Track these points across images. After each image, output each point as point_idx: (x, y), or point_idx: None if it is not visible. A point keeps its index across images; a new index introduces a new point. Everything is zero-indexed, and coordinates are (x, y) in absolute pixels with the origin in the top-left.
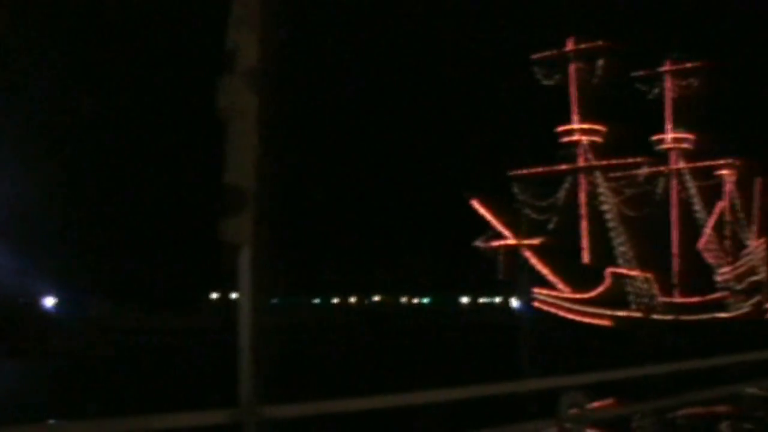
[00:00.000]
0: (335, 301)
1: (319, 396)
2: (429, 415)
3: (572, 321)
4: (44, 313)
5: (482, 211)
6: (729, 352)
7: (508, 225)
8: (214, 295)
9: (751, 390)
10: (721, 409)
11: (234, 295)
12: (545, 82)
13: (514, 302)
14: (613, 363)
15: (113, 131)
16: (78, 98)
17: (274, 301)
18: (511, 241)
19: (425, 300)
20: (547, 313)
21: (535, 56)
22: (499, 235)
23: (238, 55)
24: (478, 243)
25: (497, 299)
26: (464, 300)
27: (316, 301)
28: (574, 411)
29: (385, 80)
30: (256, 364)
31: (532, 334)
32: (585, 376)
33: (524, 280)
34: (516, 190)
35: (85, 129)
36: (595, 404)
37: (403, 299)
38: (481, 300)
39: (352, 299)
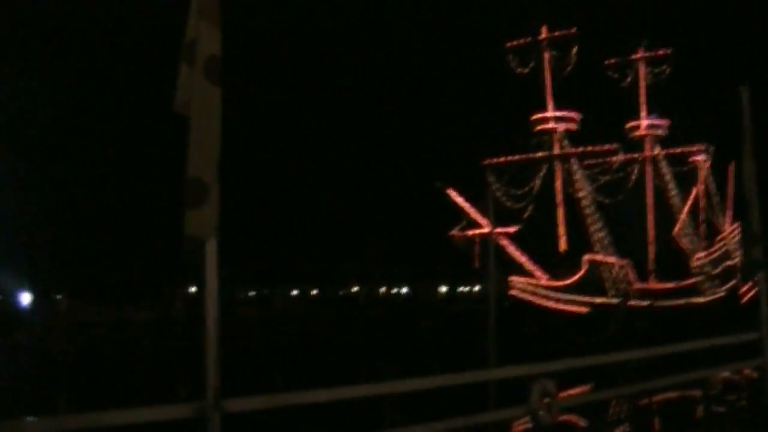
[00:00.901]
0: (314, 292)
1: (284, 388)
2: (399, 405)
3: (548, 308)
4: (14, 309)
5: (457, 199)
6: (702, 337)
7: (483, 214)
8: (193, 289)
9: (723, 374)
10: (694, 393)
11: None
12: (519, 70)
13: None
14: (586, 350)
15: (77, 128)
16: (36, 99)
17: (252, 293)
18: (486, 230)
19: (404, 290)
20: (523, 301)
21: (508, 44)
22: (475, 224)
23: (198, 47)
24: (454, 232)
25: (476, 288)
26: (443, 289)
27: (294, 292)
28: (545, 399)
29: (358, 69)
30: (220, 357)
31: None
32: (556, 363)
33: (492, 267)
34: (491, 178)
35: (50, 127)
36: (568, 392)
37: (382, 289)
38: (460, 289)
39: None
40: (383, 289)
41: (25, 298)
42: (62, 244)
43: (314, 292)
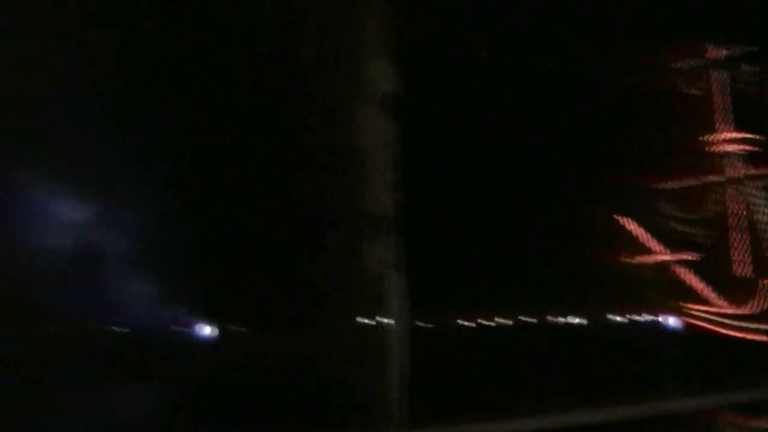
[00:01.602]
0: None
1: (470, 417)
2: None
3: (727, 337)
4: (194, 338)
5: (628, 225)
6: None
7: (655, 239)
8: (365, 320)
9: None
10: None
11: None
12: (688, 91)
13: (664, 319)
14: None
15: (231, 152)
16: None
17: (429, 325)
18: (660, 256)
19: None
20: (700, 329)
21: (676, 64)
22: (647, 250)
23: (374, 84)
24: (625, 258)
25: (646, 317)
26: (614, 318)
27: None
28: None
29: (531, 91)
30: (407, 386)
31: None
32: (742, 394)
33: (663, 295)
34: (662, 203)
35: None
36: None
37: (551, 318)
38: (630, 317)
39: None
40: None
41: (204, 328)
42: (239, 273)
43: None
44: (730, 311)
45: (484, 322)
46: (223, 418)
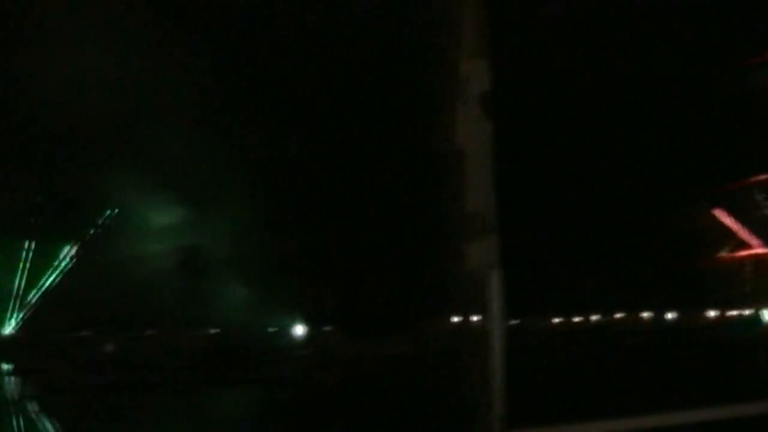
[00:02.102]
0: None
1: (568, 418)
2: None
3: None
4: (287, 341)
5: (725, 220)
6: None
7: (755, 234)
8: (455, 319)
9: None
10: None
11: (474, 318)
12: None
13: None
14: None
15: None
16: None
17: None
18: (760, 251)
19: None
20: None
21: (752, 59)
22: (745, 245)
23: (471, 84)
24: (722, 254)
25: (746, 312)
26: (711, 314)
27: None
28: None
29: (612, 90)
30: (505, 386)
31: None
32: None
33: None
34: (760, 196)
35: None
36: None
37: (645, 315)
38: (730, 313)
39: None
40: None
41: (299, 330)
42: (330, 275)
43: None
44: None
45: (578, 320)
46: (322, 419)
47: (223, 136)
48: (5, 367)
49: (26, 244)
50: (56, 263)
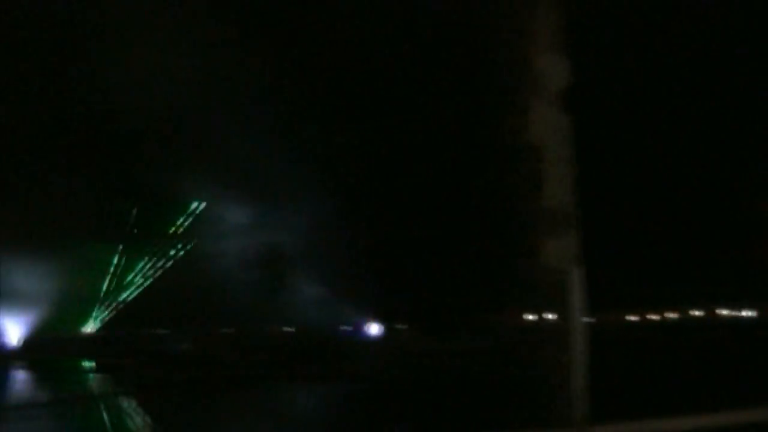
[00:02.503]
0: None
1: (649, 414)
2: None
3: None
4: (361, 339)
5: None
6: None
7: None
8: (530, 317)
9: None
10: None
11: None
12: None
13: None
14: None
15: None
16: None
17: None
18: None
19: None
20: None
21: None
22: None
23: (547, 79)
24: None
25: None
26: None
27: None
28: None
29: (703, 86)
30: (587, 384)
31: None
32: None
33: None
34: None
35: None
36: None
37: (724, 312)
38: None
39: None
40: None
41: (373, 328)
42: (402, 272)
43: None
44: None
45: (654, 318)
46: (398, 415)
47: (301, 134)
48: (88, 363)
49: (114, 248)
50: (139, 265)
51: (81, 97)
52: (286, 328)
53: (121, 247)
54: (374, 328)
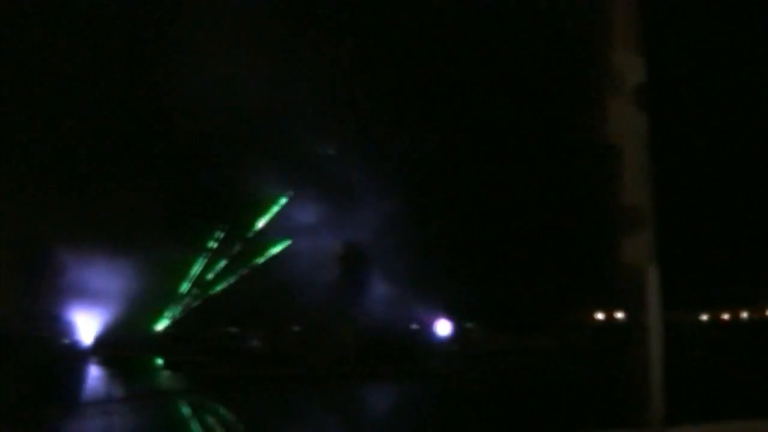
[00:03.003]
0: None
1: (727, 416)
2: None
3: None
4: (431, 338)
5: None
6: None
7: None
8: (600, 316)
9: None
10: None
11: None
12: None
13: None
14: None
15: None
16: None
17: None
18: None
19: None
20: None
21: None
22: None
23: (624, 76)
24: None
25: None
26: None
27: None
28: None
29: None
30: (663, 383)
31: None
32: None
33: None
34: None
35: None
36: None
37: None
38: None
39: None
40: None
41: (443, 327)
42: (474, 271)
43: (726, 316)
44: None
45: (726, 317)
46: (470, 414)
47: (372, 132)
48: (160, 360)
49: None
50: (216, 267)
51: (163, 100)
52: (356, 326)
53: (200, 255)
54: (444, 327)
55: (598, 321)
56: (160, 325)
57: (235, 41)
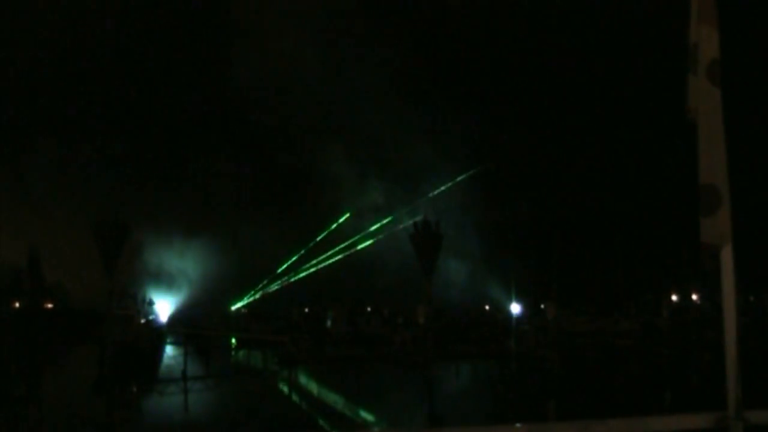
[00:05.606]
0: None
1: None
2: None
3: None
4: (505, 319)
5: None
6: None
7: None
8: (675, 297)
9: None
10: None
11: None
12: None
13: None
14: None
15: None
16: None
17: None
18: None
19: None
20: None
21: None
22: None
23: (700, 51)
24: None
25: None
26: None
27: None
28: None
29: None
30: (741, 366)
31: None
32: None
33: None
34: None
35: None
36: None
37: None
38: None
39: None
40: None
41: (515, 308)
42: (548, 253)
43: None
44: None
45: None
46: (546, 393)
47: (453, 120)
48: (239, 339)
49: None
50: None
51: (254, 97)
52: (435, 306)
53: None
54: (519, 308)
55: (674, 303)
56: (238, 305)
57: (332, 42)
